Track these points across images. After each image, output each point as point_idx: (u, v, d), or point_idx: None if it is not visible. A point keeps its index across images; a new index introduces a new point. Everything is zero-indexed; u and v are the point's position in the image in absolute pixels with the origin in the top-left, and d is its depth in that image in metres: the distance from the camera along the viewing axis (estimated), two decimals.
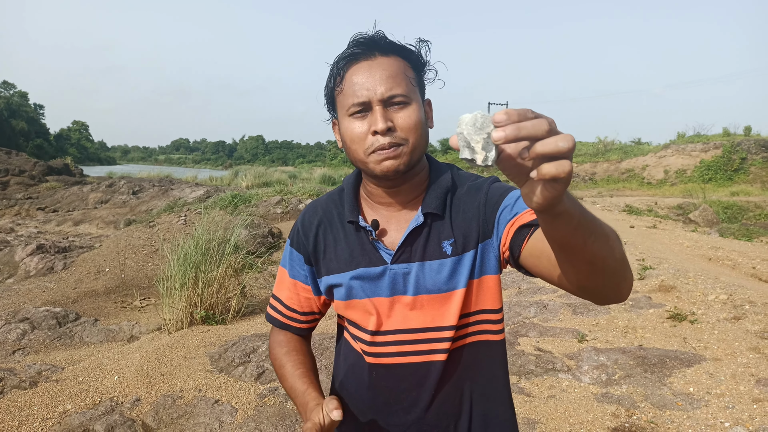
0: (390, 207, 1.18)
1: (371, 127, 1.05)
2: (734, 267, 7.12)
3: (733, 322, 4.70)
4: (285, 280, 1.29)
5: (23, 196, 18.22)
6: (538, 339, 4.65)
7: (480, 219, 1.13)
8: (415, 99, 1.09)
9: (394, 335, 1.14)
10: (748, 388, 3.60)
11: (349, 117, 1.08)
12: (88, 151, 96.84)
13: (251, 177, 21.75)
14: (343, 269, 1.17)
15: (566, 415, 3.41)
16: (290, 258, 1.28)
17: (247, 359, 4.11)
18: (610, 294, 0.90)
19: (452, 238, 1.13)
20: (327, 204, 1.25)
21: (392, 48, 1.10)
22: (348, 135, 1.09)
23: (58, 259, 7.75)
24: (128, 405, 3.49)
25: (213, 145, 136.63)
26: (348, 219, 1.18)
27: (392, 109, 1.06)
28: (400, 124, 1.06)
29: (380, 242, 1.15)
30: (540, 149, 0.61)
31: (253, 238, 8.19)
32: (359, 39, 1.09)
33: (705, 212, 12.18)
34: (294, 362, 1.25)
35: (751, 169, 20.84)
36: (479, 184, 1.18)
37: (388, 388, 1.17)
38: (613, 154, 26.35)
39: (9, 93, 73.05)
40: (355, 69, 1.08)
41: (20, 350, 4.67)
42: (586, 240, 0.78)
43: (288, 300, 1.29)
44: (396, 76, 1.07)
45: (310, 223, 1.24)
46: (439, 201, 1.14)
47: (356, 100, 1.06)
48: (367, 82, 1.06)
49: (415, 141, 1.07)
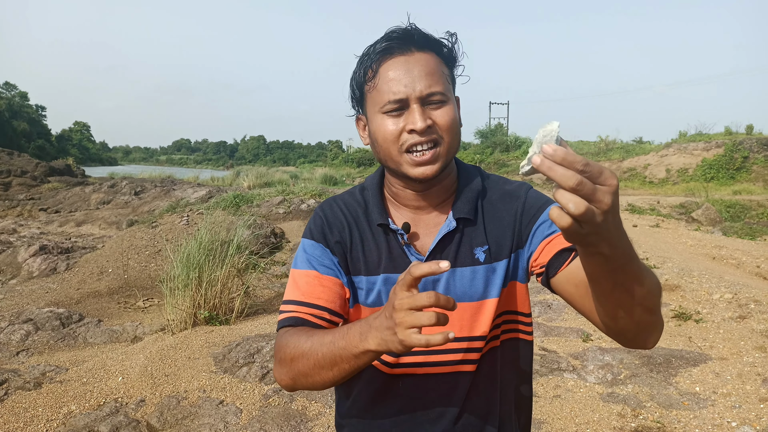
0: (418, 210, 1.13)
1: (408, 125, 1.01)
2: (738, 266, 7.11)
3: (739, 321, 4.69)
4: (301, 277, 1.12)
5: (25, 197, 18.24)
6: (543, 339, 4.63)
7: (515, 228, 1.10)
8: (451, 97, 1.06)
9: None
10: (755, 388, 3.59)
11: (382, 114, 1.03)
12: (90, 151, 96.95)
13: (253, 177, 21.76)
14: (372, 272, 1.11)
15: (572, 415, 3.40)
16: (311, 252, 1.13)
17: (251, 360, 4.10)
18: (634, 341, 0.91)
19: (486, 245, 1.09)
20: (349, 203, 1.18)
21: (428, 43, 1.04)
22: (381, 133, 1.04)
23: (61, 260, 7.76)
24: (133, 406, 3.48)
25: (214, 146, 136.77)
26: (378, 222, 1.12)
27: (430, 107, 1.02)
28: (439, 122, 1.02)
29: (411, 246, 1.11)
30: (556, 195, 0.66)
31: (255, 238, 8.18)
32: (394, 33, 1.04)
33: (708, 211, 12.16)
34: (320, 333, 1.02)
35: (754, 167, 20.78)
36: (514, 190, 1.14)
37: (415, 400, 1.12)
38: (614, 153, 26.29)
39: (10, 94, 73.15)
40: (390, 64, 1.03)
41: (24, 351, 4.66)
42: (618, 285, 0.79)
43: (306, 296, 1.10)
44: (434, 73, 1.02)
45: (334, 217, 1.15)
46: (471, 205, 1.11)
47: (393, 97, 1.01)
48: (404, 79, 1.01)
49: (450, 141, 1.04)
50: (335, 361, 0.91)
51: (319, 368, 0.94)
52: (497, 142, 37.04)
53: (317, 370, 0.95)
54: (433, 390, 1.11)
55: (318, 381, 0.97)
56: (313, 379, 0.97)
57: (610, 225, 0.68)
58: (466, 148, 42.31)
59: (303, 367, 0.97)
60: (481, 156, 35.38)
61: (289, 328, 1.06)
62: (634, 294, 0.81)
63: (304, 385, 1.00)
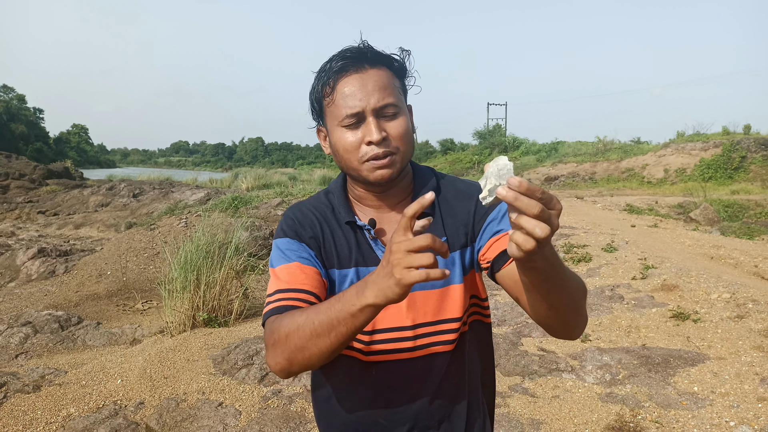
0: (380, 209, 1.22)
1: (365, 137, 1.10)
2: (736, 265, 7.11)
3: (737, 320, 4.70)
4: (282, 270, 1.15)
5: (24, 200, 18.21)
6: (542, 339, 4.64)
7: (469, 224, 1.20)
8: (404, 108, 1.15)
9: (391, 333, 1.17)
10: (753, 387, 3.60)
11: (341, 127, 1.12)
12: (88, 154, 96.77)
13: (251, 179, 21.76)
14: (344, 266, 1.19)
15: (570, 416, 3.40)
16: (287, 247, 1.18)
17: (250, 361, 4.10)
18: (562, 334, 1.06)
19: (444, 236, 1.18)
20: (316, 205, 1.25)
21: (380, 59, 1.13)
22: (341, 144, 1.13)
23: (59, 262, 7.75)
24: (132, 408, 3.49)
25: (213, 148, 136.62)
26: (346, 219, 1.20)
27: (384, 119, 1.11)
28: (392, 133, 1.11)
29: (378, 241, 1.19)
30: (520, 221, 0.75)
31: (254, 240, 8.18)
32: (347, 52, 1.12)
33: (706, 211, 12.18)
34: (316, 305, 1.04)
35: (751, 167, 20.82)
36: (467, 189, 1.24)
37: (389, 385, 1.19)
38: (612, 153, 26.32)
39: (8, 96, 73.02)
40: (346, 80, 1.11)
41: (23, 354, 4.66)
42: (551, 293, 0.92)
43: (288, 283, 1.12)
44: (386, 87, 1.11)
45: (305, 217, 1.22)
46: None
47: (350, 111, 1.10)
48: (359, 93, 1.09)
49: (405, 149, 1.13)
50: (332, 325, 0.93)
51: (315, 337, 0.95)
52: (495, 142, 37.08)
53: (314, 340, 0.95)
54: (407, 374, 1.18)
55: (315, 353, 0.97)
56: (309, 351, 0.97)
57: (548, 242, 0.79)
58: (464, 149, 42.34)
59: (299, 339, 0.97)
60: (480, 156, 35.41)
61: (276, 316, 1.07)
62: (563, 297, 0.94)
63: (300, 362, 1.00)
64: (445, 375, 1.20)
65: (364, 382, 1.20)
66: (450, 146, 45.36)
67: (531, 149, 33.54)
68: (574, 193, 19.84)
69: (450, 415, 1.22)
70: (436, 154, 44.86)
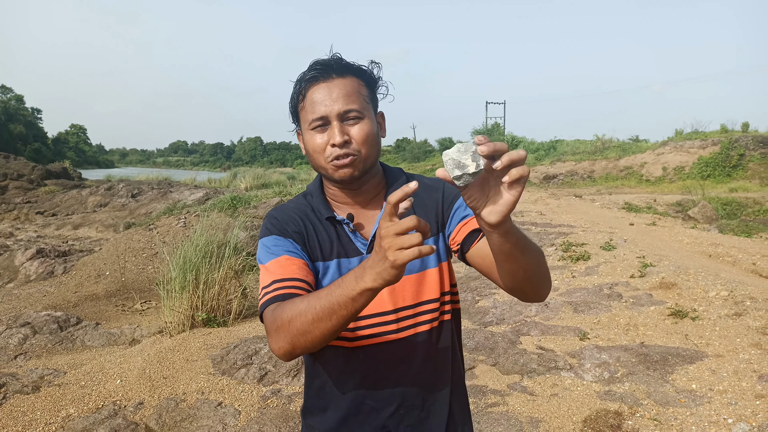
0: (354, 206, 1.33)
1: (330, 140, 1.21)
2: (734, 263, 7.13)
3: (735, 318, 4.71)
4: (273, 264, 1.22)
5: (22, 201, 18.19)
6: (540, 337, 4.65)
7: (438, 212, 1.33)
8: (368, 114, 1.25)
9: (375, 318, 1.26)
10: (751, 384, 3.61)
11: (311, 130, 1.24)
12: (87, 154, 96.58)
13: (250, 178, 21.74)
14: (326, 258, 1.28)
15: (569, 414, 3.41)
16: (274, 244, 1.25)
17: (249, 361, 4.11)
18: (534, 295, 1.17)
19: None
20: (296, 206, 1.34)
21: (347, 69, 1.24)
22: (311, 146, 1.25)
23: (58, 263, 7.75)
24: (131, 409, 3.49)
25: (211, 147, 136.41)
26: (326, 216, 1.30)
27: (348, 123, 1.22)
28: (354, 136, 1.21)
29: (357, 233, 1.29)
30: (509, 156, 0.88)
31: (252, 239, 8.18)
32: (317, 63, 1.24)
33: (704, 209, 12.19)
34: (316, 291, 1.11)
35: (750, 165, 20.82)
36: (433, 183, 1.37)
37: (376, 367, 1.27)
38: (611, 151, 26.32)
39: (6, 97, 72.91)
40: (315, 89, 1.23)
41: (22, 355, 4.66)
42: (523, 253, 1.04)
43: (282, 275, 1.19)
44: (351, 94, 1.22)
45: (288, 216, 1.31)
46: None
47: (316, 116, 1.21)
48: (325, 100, 1.21)
49: (367, 151, 1.23)
50: (333, 309, 1.00)
51: (318, 321, 1.02)
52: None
53: (316, 324, 1.02)
54: (391, 355, 1.27)
55: (318, 335, 1.03)
56: (312, 334, 1.03)
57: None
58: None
59: (301, 324, 1.04)
60: None
61: (277, 304, 1.13)
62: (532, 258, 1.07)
63: (303, 344, 1.06)
64: (427, 354, 1.29)
65: (352, 366, 1.28)
66: (449, 145, 45.27)
67: (529, 148, 33.54)
68: (573, 191, 19.86)
69: (434, 395, 1.31)
70: (435, 153, 44.87)
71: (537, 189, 21.73)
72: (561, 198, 15.77)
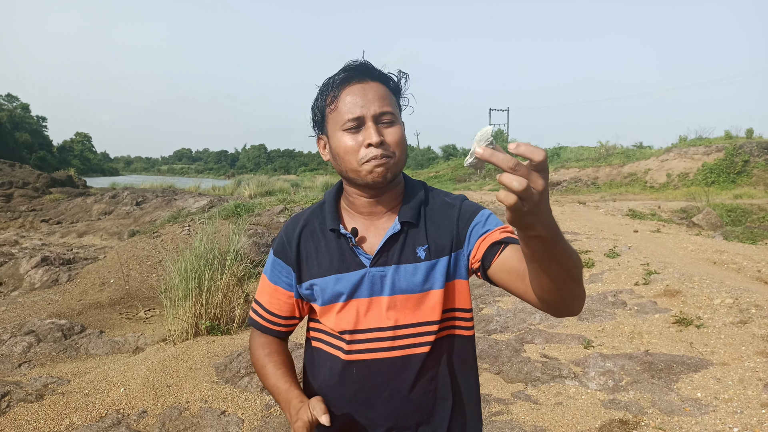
0: (369, 216, 1.31)
1: (365, 140, 1.19)
2: (739, 270, 7.10)
3: (740, 326, 4.68)
4: (267, 287, 1.39)
5: (27, 209, 18.27)
6: (544, 345, 4.63)
7: (453, 231, 1.28)
8: (399, 119, 1.25)
9: (372, 333, 1.25)
10: (756, 393, 3.59)
11: (343, 131, 1.22)
12: (91, 162, 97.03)
13: (254, 186, 21.81)
14: (324, 273, 1.28)
15: (574, 422, 3.39)
16: (272, 266, 1.38)
17: (252, 370, 4.10)
18: (565, 309, 1.07)
19: (426, 244, 1.26)
20: (309, 215, 1.37)
21: (379, 76, 1.25)
22: (342, 147, 1.22)
23: (62, 271, 7.77)
24: (135, 417, 3.49)
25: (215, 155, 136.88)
26: (329, 227, 1.29)
27: (382, 125, 1.21)
28: (389, 139, 1.21)
29: (360, 248, 1.28)
30: (500, 177, 0.79)
31: (256, 246, 8.19)
32: (353, 64, 1.25)
33: (708, 215, 12.15)
34: (275, 363, 1.35)
35: (754, 171, 20.75)
36: (452, 201, 1.34)
37: (368, 383, 1.26)
38: (615, 158, 26.28)
39: (12, 105, 73.37)
40: (349, 89, 1.22)
41: (26, 363, 4.67)
42: (552, 261, 0.95)
43: (269, 305, 1.38)
44: (385, 98, 1.22)
45: (292, 232, 1.35)
46: (414, 211, 1.29)
47: (351, 116, 1.20)
48: (360, 101, 1.20)
49: (400, 155, 1.23)
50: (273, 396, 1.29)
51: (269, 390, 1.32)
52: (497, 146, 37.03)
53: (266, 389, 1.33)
54: (384, 372, 1.25)
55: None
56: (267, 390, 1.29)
57: (543, 206, 0.83)
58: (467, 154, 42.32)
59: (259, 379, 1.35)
60: None
61: (257, 334, 1.43)
62: (565, 267, 0.97)
63: None
64: (420, 376, 1.26)
65: (345, 380, 1.27)
66: (452, 152, 45.39)
67: None
68: (577, 198, 19.82)
69: (429, 418, 1.27)
70: (438, 160, 44.87)
71: None
72: (565, 205, 15.75)
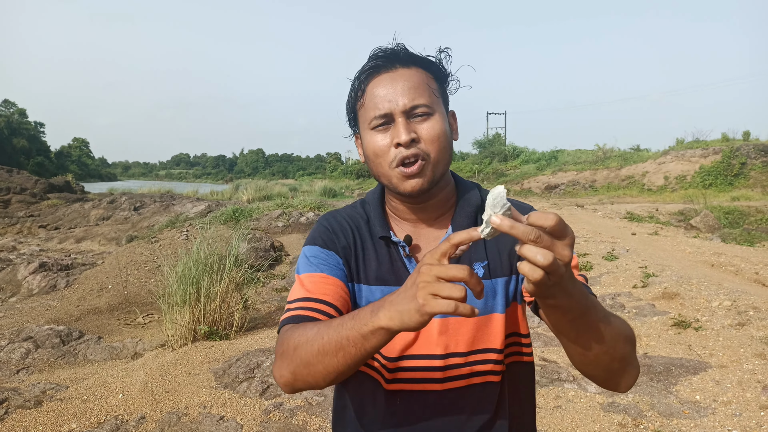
0: (417, 224, 1.14)
1: (394, 139, 1.03)
2: (737, 273, 7.11)
3: (738, 328, 4.69)
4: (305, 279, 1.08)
5: (25, 214, 18.25)
6: (543, 349, 4.63)
7: (513, 251, 1.09)
8: (439, 110, 1.06)
9: (418, 360, 1.06)
10: (755, 395, 3.59)
11: (371, 130, 1.06)
12: (89, 167, 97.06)
13: (252, 190, 21.78)
14: (371, 282, 1.10)
15: (573, 426, 3.39)
16: (314, 255, 1.11)
17: (251, 375, 4.10)
18: (605, 384, 0.96)
19: (485, 260, 1.09)
20: (351, 215, 1.18)
21: (413, 59, 1.07)
22: (371, 148, 1.07)
23: (60, 276, 7.76)
24: (133, 423, 3.48)
25: (213, 160, 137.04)
26: (380, 234, 1.12)
27: (415, 120, 1.04)
28: (423, 135, 1.03)
29: (413, 258, 1.10)
30: (522, 249, 0.70)
31: (254, 251, 8.19)
32: (379, 52, 1.08)
33: (706, 218, 12.17)
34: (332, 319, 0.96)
35: (751, 173, 20.80)
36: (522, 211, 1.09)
37: (412, 419, 1.07)
38: (612, 161, 26.33)
39: (9, 111, 73.34)
40: (376, 82, 1.06)
41: (24, 369, 4.66)
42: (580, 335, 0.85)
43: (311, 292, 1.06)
44: (418, 86, 1.04)
45: (340, 226, 1.15)
46: (470, 220, 1.11)
47: (378, 113, 1.04)
48: (388, 94, 1.03)
49: (438, 153, 1.05)
50: (341, 344, 0.85)
51: (323, 354, 0.87)
52: (495, 152, 37.13)
53: (321, 357, 0.88)
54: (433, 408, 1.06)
55: (320, 371, 0.89)
56: (315, 368, 0.89)
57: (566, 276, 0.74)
58: (464, 158, 42.42)
59: (305, 354, 0.89)
60: (480, 166, 35.45)
61: (293, 325, 1.00)
62: (599, 342, 0.86)
63: (305, 378, 0.92)
64: (477, 413, 1.07)
65: (387, 411, 1.08)
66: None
67: (531, 158, 33.59)
68: (575, 201, 19.85)
69: None
70: None
71: (539, 199, 21.73)
72: (563, 208, 15.77)
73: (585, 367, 0.93)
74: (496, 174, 32.39)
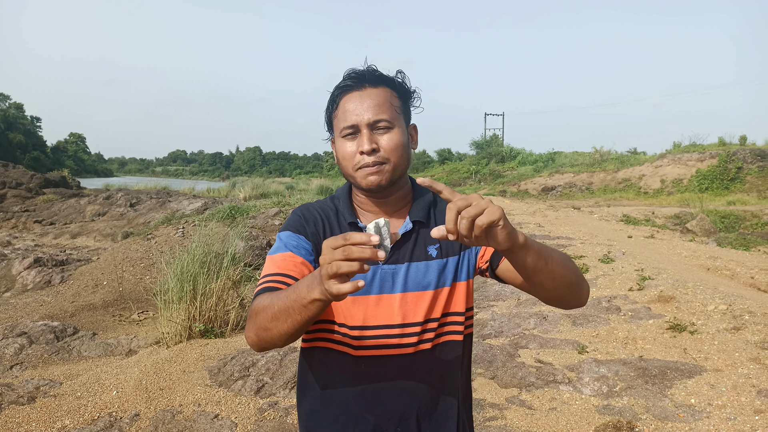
0: (379, 215, 1.34)
1: (359, 147, 1.24)
2: (732, 277, 7.13)
3: (733, 332, 4.70)
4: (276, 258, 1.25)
5: (20, 209, 18.16)
6: (539, 351, 4.64)
7: None
8: (399, 124, 1.27)
9: (379, 329, 1.27)
10: (750, 399, 3.60)
11: (342, 138, 1.27)
12: (85, 163, 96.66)
13: (249, 188, 21.75)
14: None
15: (568, 428, 3.40)
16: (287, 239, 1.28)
17: (246, 373, 4.09)
18: (572, 301, 1.21)
19: (437, 243, 1.32)
20: (322, 207, 1.37)
21: (380, 80, 1.28)
22: (341, 153, 1.28)
23: (55, 272, 7.73)
24: (127, 420, 3.47)
25: (210, 157, 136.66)
26: (348, 220, 1.32)
27: (378, 132, 1.24)
28: (383, 145, 1.24)
29: None
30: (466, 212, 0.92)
31: (251, 249, 8.17)
32: (352, 73, 1.28)
33: (702, 222, 12.20)
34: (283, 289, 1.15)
35: (747, 178, 20.88)
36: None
37: (376, 380, 1.27)
38: (609, 164, 26.40)
39: (5, 105, 73.04)
40: (347, 98, 1.26)
41: (18, 365, 4.64)
42: (547, 263, 1.09)
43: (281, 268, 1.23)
44: (382, 104, 1.24)
45: (312, 215, 1.34)
46: (424, 212, 1.34)
47: (347, 124, 1.25)
48: (357, 109, 1.24)
49: (396, 160, 1.25)
50: (288, 312, 1.03)
51: (275, 320, 1.06)
52: (493, 152, 37.18)
53: (274, 322, 1.06)
54: (394, 369, 1.27)
55: (275, 334, 1.08)
56: (271, 332, 1.08)
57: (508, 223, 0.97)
58: (461, 159, 42.43)
59: (263, 320, 1.09)
60: (477, 166, 35.50)
61: (261, 294, 1.18)
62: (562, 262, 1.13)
63: (265, 339, 1.11)
64: (429, 374, 1.29)
65: (353, 375, 1.28)
66: (447, 156, 45.48)
67: (528, 159, 33.65)
68: (571, 203, 19.89)
69: (433, 415, 1.30)
70: (434, 164, 44.93)
71: (535, 201, 21.76)
72: (559, 210, 15.79)
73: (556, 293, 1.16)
74: (493, 175, 32.41)
